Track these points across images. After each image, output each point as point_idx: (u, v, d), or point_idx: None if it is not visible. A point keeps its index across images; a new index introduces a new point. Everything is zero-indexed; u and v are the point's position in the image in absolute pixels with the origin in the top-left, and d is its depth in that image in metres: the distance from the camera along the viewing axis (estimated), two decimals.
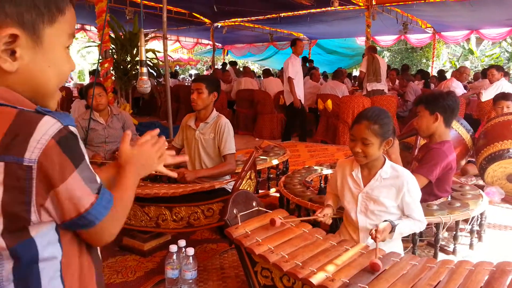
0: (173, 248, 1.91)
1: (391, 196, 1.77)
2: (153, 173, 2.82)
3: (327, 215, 1.88)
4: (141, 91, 3.36)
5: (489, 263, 1.47)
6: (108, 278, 2.10)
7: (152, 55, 6.74)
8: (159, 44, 8.71)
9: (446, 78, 8.28)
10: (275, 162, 3.43)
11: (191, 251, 1.87)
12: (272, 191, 3.60)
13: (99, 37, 6.00)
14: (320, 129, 6.68)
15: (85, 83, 10.81)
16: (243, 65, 16.99)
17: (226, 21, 10.98)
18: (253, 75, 9.22)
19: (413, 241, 2.18)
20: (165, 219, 2.21)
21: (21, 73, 0.69)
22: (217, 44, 13.51)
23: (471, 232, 2.43)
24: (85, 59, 18.67)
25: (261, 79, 9.02)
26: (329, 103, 6.31)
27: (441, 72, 9.67)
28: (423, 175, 2.21)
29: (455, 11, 8.32)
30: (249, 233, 1.68)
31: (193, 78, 7.30)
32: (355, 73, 15.05)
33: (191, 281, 1.88)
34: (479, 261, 1.51)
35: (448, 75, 10.38)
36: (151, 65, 6.84)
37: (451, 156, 2.29)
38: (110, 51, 5.28)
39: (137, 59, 5.40)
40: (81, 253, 0.78)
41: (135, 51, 6.06)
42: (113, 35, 5.89)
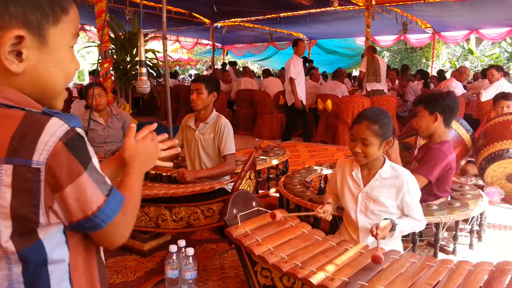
0: (173, 248, 1.91)
1: (391, 196, 1.78)
2: (152, 172, 2.83)
3: (327, 211, 1.88)
4: (140, 91, 3.36)
5: (488, 263, 1.47)
6: (108, 278, 2.10)
7: (151, 55, 6.74)
8: (159, 44, 8.71)
9: (445, 78, 8.28)
10: (275, 162, 3.43)
11: (191, 251, 1.87)
12: (272, 191, 3.60)
13: (98, 37, 6.01)
14: (319, 129, 6.68)
15: (84, 83, 10.81)
16: (243, 65, 17.00)
17: (225, 21, 10.98)
18: (253, 75, 9.22)
19: (413, 241, 2.18)
20: (165, 219, 2.22)
21: (27, 74, 0.69)
22: (216, 44, 13.51)
23: (471, 232, 2.43)
24: (85, 59, 18.64)
25: (261, 79, 9.02)
26: (329, 103, 6.31)
27: (440, 72, 9.67)
28: (423, 175, 2.21)
29: (454, 11, 8.32)
30: (249, 232, 1.68)
31: (192, 78, 7.29)
32: (355, 73, 15.05)
33: (191, 281, 1.88)
34: (478, 261, 1.51)
35: (447, 75, 10.38)
36: (151, 65, 6.84)
37: (451, 156, 2.29)
38: (109, 51, 5.29)
39: (137, 59, 5.40)
40: (88, 255, 0.78)
41: (134, 51, 6.05)
42: (112, 35, 5.88)
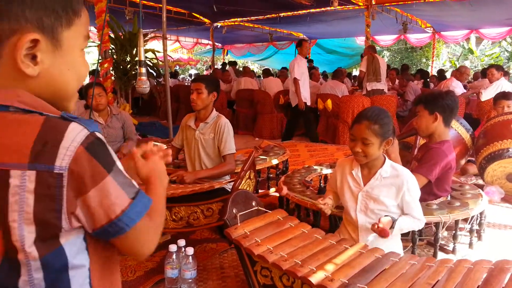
0: (173, 247, 1.91)
1: (391, 195, 1.78)
2: None
3: (327, 204, 1.88)
4: (140, 91, 3.36)
5: (488, 261, 1.47)
6: None
7: (151, 55, 6.74)
8: (159, 44, 8.70)
9: (445, 77, 8.27)
10: (274, 161, 3.43)
11: (190, 251, 1.87)
12: (271, 191, 3.60)
13: (98, 37, 6.00)
14: (319, 129, 6.68)
15: (84, 83, 10.79)
16: (243, 65, 17.00)
17: (225, 21, 10.98)
18: (253, 75, 9.21)
19: (412, 240, 2.18)
20: (165, 219, 2.22)
21: (42, 77, 0.69)
22: (216, 44, 13.51)
23: (471, 231, 2.43)
24: None
25: (261, 79, 9.01)
26: (329, 102, 6.31)
27: (440, 71, 9.67)
28: (423, 175, 2.21)
29: (454, 11, 8.32)
30: (248, 233, 1.68)
31: (192, 78, 7.28)
32: (355, 72, 15.05)
33: (190, 280, 1.88)
34: (478, 259, 1.51)
35: (448, 74, 10.38)
36: (151, 65, 6.84)
37: (451, 155, 2.29)
38: (109, 51, 5.29)
39: (137, 59, 5.41)
40: (109, 261, 0.78)
41: (134, 51, 6.05)
42: (112, 35, 5.89)
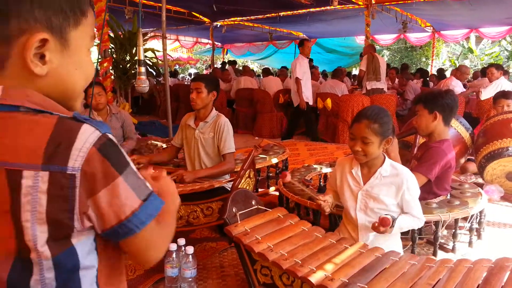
0: (173, 246, 1.91)
1: (391, 194, 1.78)
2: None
3: (327, 201, 1.88)
4: (139, 91, 3.36)
5: (487, 260, 1.47)
6: None
7: (151, 54, 6.73)
8: (159, 43, 8.70)
9: (445, 76, 8.27)
10: (274, 160, 3.43)
11: (190, 250, 1.87)
12: (271, 190, 3.60)
13: (98, 36, 5.99)
14: (319, 128, 6.68)
15: None
16: (243, 64, 16.99)
17: (225, 20, 10.97)
18: (253, 74, 9.21)
19: (412, 239, 2.18)
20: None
21: (50, 77, 0.70)
22: (216, 43, 13.51)
23: (470, 230, 2.43)
24: None
25: (261, 78, 9.01)
26: (329, 102, 6.31)
27: (440, 70, 9.67)
28: (422, 174, 2.21)
29: (454, 10, 8.31)
30: (249, 231, 1.68)
31: (192, 77, 7.26)
32: (355, 72, 15.04)
33: (190, 279, 1.88)
34: (478, 258, 1.51)
35: (447, 73, 10.37)
36: (151, 64, 6.84)
37: (450, 154, 2.29)
38: (109, 50, 5.28)
39: (136, 58, 5.41)
40: (115, 262, 0.79)
41: (134, 51, 6.05)
42: (112, 35, 5.88)
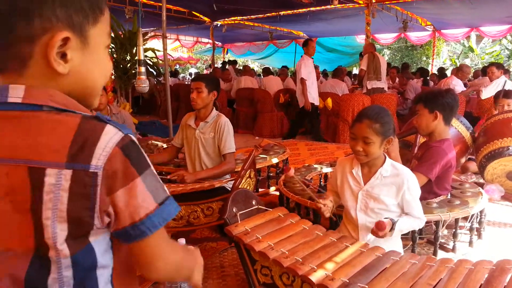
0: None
1: (391, 194, 1.77)
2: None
3: (327, 206, 1.87)
4: (139, 91, 3.36)
5: (488, 261, 1.47)
6: None
7: (151, 54, 6.73)
8: (159, 43, 8.70)
9: (446, 76, 8.27)
10: (275, 160, 3.43)
11: None
12: (272, 190, 3.60)
13: None
14: (320, 128, 6.68)
15: None
16: (243, 64, 16.99)
17: (225, 19, 10.96)
18: (253, 73, 9.21)
19: (412, 239, 2.18)
20: None
21: (71, 75, 0.70)
22: (217, 42, 13.49)
23: (471, 229, 2.43)
24: None
25: (261, 77, 9.01)
26: (329, 101, 6.30)
27: (441, 70, 9.67)
28: (423, 173, 2.21)
29: (455, 9, 8.30)
30: (249, 230, 1.68)
31: (192, 77, 7.24)
32: (355, 71, 15.03)
33: None
34: (479, 259, 1.51)
35: (448, 72, 10.36)
36: (151, 64, 6.84)
37: (451, 154, 2.29)
38: (109, 50, 5.28)
39: (137, 58, 5.41)
40: (129, 261, 0.80)
41: (134, 50, 6.05)
42: (112, 34, 5.88)
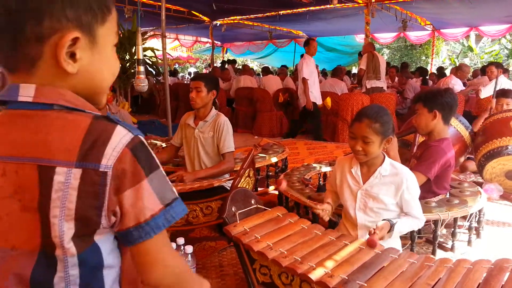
0: (172, 246, 1.90)
1: (390, 193, 1.77)
2: None
3: (325, 210, 1.88)
4: (138, 90, 3.36)
5: (487, 260, 1.47)
6: None
7: (151, 53, 6.73)
8: (158, 42, 8.68)
9: (445, 75, 8.28)
10: (274, 159, 3.43)
11: (189, 249, 1.87)
12: (271, 189, 3.60)
13: None
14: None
15: None
16: (242, 63, 16.98)
17: (225, 19, 10.95)
18: (252, 73, 9.21)
19: (411, 238, 2.18)
20: None
21: (80, 75, 0.70)
22: (216, 42, 13.48)
23: (470, 229, 2.44)
24: None
25: (260, 77, 9.01)
26: (328, 100, 6.30)
27: (440, 69, 9.68)
28: (422, 173, 2.21)
29: (454, 8, 8.30)
30: (248, 230, 1.68)
31: (192, 76, 7.24)
32: (354, 70, 15.03)
33: None
34: (477, 259, 1.51)
35: (447, 72, 10.37)
36: (150, 63, 6.84)
37: (450, 153, 2.29)
38: None
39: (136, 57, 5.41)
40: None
41: (134, 50, 6.06)
42: None
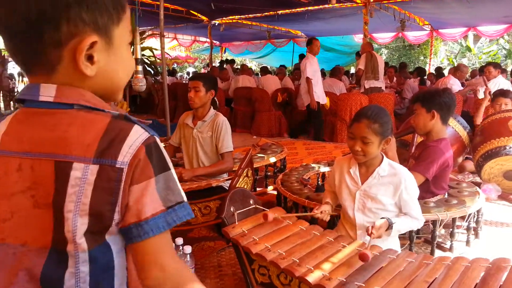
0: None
1: (389, 193, 1.77)
2: None
3: (325, 211, 1.87)
4: (136, 89, 3.35)
5: (485, 259, 1.47)
6: None
7: (149, 53, 6.70)
8: (157, 41, 8.67)
9: (444, 75, 8.28)
10: (272, 159, 3.43)
11: (188, 249, 1.86)
12: (269, 189, 3.60)
13: None
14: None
15: None
16: (241, 63, 16.97)
17: (223, 18, 10.94)
18: (251, 72, 9.20)
19: (410, 238, 2.18)
20: None
21: (98, 76, 0.70)
22: (214, 41, 13.47)
23: (468, 229, 2.44)
24: None
25: (259, 76, 9.00)
26: (327, 100, 6.30)
27: (438, 69, 9.69)
28: (420, 173, 2.21)
29: (452, 8, 8.32)
30: (246, 232, 1.68)
31: (190, 76, 7.24)
32: (353, 70, 15.03)
33: None
34: (475, 257, 1.51)
35: (445, 72, 10.38)
36: (148, 63, 6.81)
37: (448, 153, 2.29)
38: None
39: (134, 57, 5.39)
40: None
41: (132, 49, 6.03)
42: None
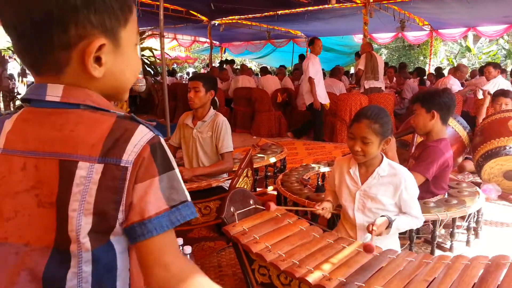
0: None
1: (389, 193, 1.77)
2: None
3: (326, 208, 1.87)
4: (136, 90, 3.36)
5: (484, 257, 1.47)
6: None
7: (149, 53, 6.71)
8: (156, 42, 8.68)
9: (443, 75, 8.29)
10: (272, 160, 3.43)
11: (188, 250, 1.86)
12: (269, 189, 3.60)
13: None
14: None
15: None
16: (241, 63, 16.98)
17: (223, 18, 10.94)
18: (251, 73, 9.20)
19: (410, 238, 2.18)
20: None
21: (105, 77, 0.71)
22: (214, 42, 13.46)
23: (468, 229, 2.44)
24: None
25: (259, 77, 9.01)
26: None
27: (438, 69, 9.70)
28: (420, 173, 2.21)
29: (452, 8, 8.32)
30: (247, 230, 1.68)
31: (190, 76, 7.25)
32: (353, 70, 15.03)
33: None
34: (475, 255, 1.51)
35: (445, 72, 10.39)
36: (148, 63, 6.82)
37: (448, 153, 2.30)
38: None
39: None
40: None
41: None
42: None
